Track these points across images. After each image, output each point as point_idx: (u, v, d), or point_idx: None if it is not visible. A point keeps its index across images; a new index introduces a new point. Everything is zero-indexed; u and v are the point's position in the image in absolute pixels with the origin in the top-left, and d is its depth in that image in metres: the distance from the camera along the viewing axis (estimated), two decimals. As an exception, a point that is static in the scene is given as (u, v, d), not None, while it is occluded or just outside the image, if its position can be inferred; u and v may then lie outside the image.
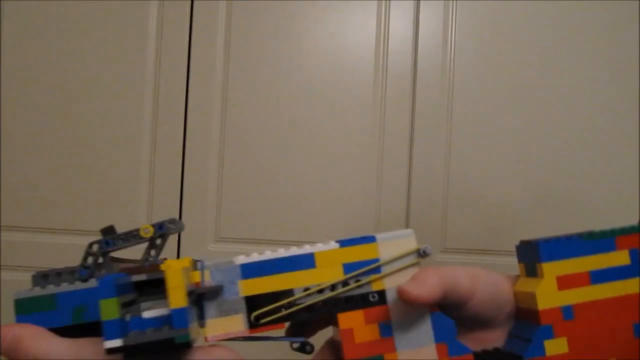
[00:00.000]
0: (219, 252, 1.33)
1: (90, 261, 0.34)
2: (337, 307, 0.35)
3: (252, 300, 0.34)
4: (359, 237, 0.36)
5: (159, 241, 0.35)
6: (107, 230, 0.34)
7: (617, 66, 1.36)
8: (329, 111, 1.35)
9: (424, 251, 0.35)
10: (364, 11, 1.35)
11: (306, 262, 0.34)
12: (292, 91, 1.35)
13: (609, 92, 1.36)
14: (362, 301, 0.35)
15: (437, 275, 0.34)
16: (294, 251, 0.35)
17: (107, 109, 1.34)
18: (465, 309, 0.36)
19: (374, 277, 0.35)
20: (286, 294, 0.34)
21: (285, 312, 0.34)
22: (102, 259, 0.34)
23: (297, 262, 0.34)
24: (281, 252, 0.35)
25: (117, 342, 0.29)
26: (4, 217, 1.32)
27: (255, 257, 0.34)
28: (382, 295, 0.35)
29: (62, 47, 1.33)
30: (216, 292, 0.33)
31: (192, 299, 0.32)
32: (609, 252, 0.36)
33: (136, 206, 1.34)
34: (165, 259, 0.34)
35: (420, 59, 1.36)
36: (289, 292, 0.34)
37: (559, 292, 0.36)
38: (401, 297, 0.33)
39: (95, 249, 0.34)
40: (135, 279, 0.32)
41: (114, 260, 0.35)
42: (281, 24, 1.35)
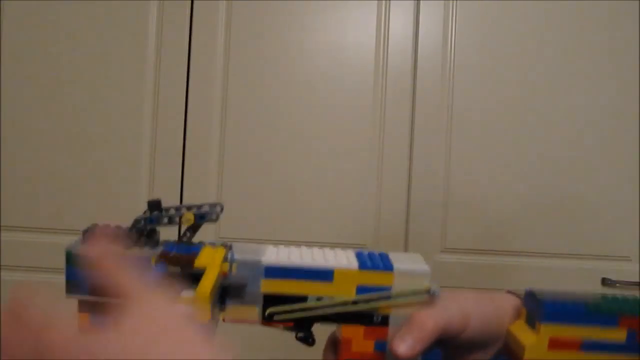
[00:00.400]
0: (219, 252, 1.33)
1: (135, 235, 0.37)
2: (342, 318, 0.38)
3: (270, 297, 0.37)
4: (379, 260, 0.38)
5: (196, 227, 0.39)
6: (154, 204, 0.37)
7: (617, 66, 1.36)
8: (329, 111, 1.35)
9: (433, 292, 0.38)
10: (364, 11, 1.35)
11: (325, 275, 0.37)
12: (292, 91, 1.35)
13: (610, 91, 1.36)
14: (366, 319, 0.38)
15: (431, 321, 0.37)
16: (316, 263, 0.37)
17: (107, 109, 1.34)
18: (458, 338, 0.39)
19: (381, 304, 0.38)
20: (301, 299, 0.37)
21: (297, 314, 0.37)
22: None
23: (317, 274, 0.37)
24: (306, 257, 0.38)
25: None
26: (4, 217, 1.32)
27: (280, 261, 0.37)
28: (385, 318, 0.38)
29: (62, 47, 1.33)
30: (239, 288, 0.37)
31: (218, 288, 0.35)
32: (609, 327, 0.38)
33: (136, 206, 1.33)
34: (202, 242, 0.39)
35: (420, 59, 1.36)
36: (303, 298, 0.37)
37: (548, 351, 0.38)
38: (392, 352, 0.36)
39: (141, 224, 0.37)
40: (171, 270, 0.36)
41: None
42: (281, 24, 1.35)
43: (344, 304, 0.37)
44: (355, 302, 0.37)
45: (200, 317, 0.31)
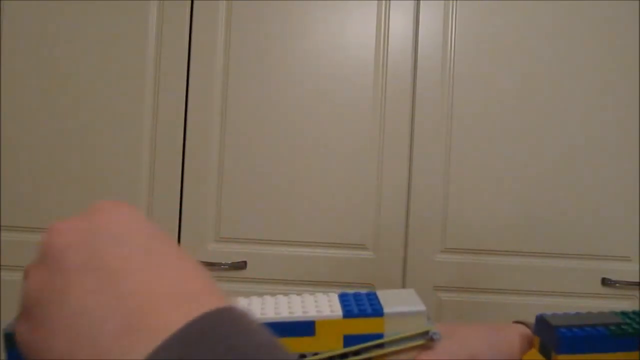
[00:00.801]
0: (219, 252, 1.33)
1: None
2: None
3: None
4: (366, 304, 0.33)
5: None
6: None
7: (617, 66, 1.36)
8: (329, 111, 1.35)
9: (432, 335, 0.33)
10: (364, 11, 1.35)
11: (305, 329, 0.32)
12: (292, 91, 1.35)
13: (610, 91, 1.36)
14: None
15: None
16: (294, 315, 0.32)
17: (107, 109, 1.34)
18: None
19: (375, 353, 0.33)
20: None
21: None
22: None
23: (296, 328, 0.32)
24: (281, 309, 0.32)
25: None
26: (4, 217, 1.32)
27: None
28: None
29: (62, 47, 1.33)
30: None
31: None
32: (629, 351, 0.34)
33: (136, 206, 1.33)
34: None
35: (420, 59, 1.36)
36: None
37: None
38: None
39: None
40: None
41: None
42: (281, 24, 1.35)
43: (331, 358, 0.32)
44: (343, 356, 0.33)
45: None
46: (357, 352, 0.33)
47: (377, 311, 0.33)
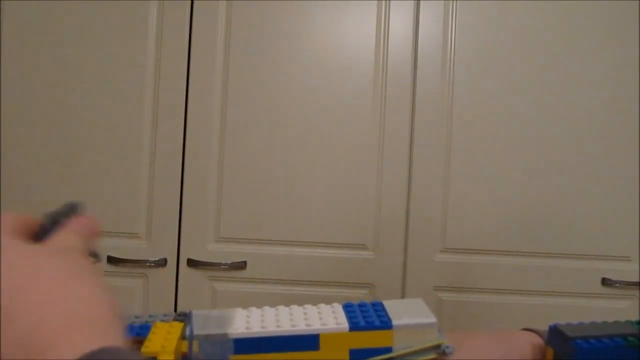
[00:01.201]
0: (219, 252, 1.33)
1: None
2: None
3: None
4: (373, 315, 0.31)
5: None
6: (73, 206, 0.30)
7: (617, 66, 1.36)
8: (329, 111, 1.35)
9: (444, 350, 0.31)
10: (364, 11, 1.35)
11: (309, 343, 0.30)
12: (292, 91, 1.35)
13: (610, 91, 1.36)
14: None
15: None
16: (297, 328, 0.31)
17: (107, 109, 1.34)
18: None
19: None
20: None
21: None
22: None
23: (299, 342, 0.30)
24: (283, 321, 0.31)
25: None
26: (4, 217, 1.32)
27: (252, 331, 0.30)
28: None
29: (62, 47, 1.33)
30: None
31: None
32: None
33: (136, 206, 1.34)
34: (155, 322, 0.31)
35: (420, 59, 1.36)
36: None
37: None
38: None
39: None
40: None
41: None
42: (281, 24, 1.35)
43: None
44: None
45: None
46: None
47: (385, 323, 0.31)
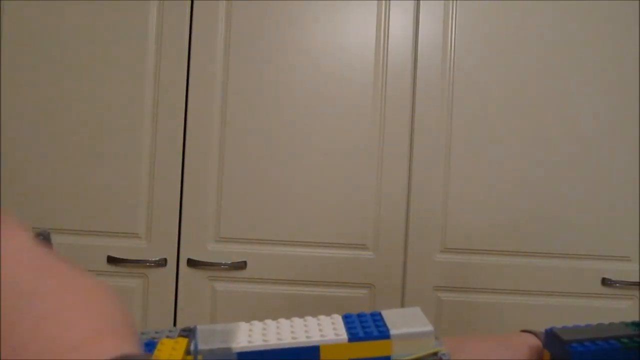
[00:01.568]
0: (219, 252, 1.33)
1: None
2: None
3: None
4: (371, 325, 0.33)
5: None
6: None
7: (617, 66, 1.36)
8: (329, 111, 1.35)
9: (441, 357, 0.32)
10: (364, 11, 1.35)
11: (310, 354, 0.31)
12: (292, 91, 1.35)
13: (610, 91, 1.36)
14: None
15: None
16: (298, 340, 0.32)
17: (107, 109, 1.34)
18: None
19: None
20: None
21: None
22: None
23: (300, 354, 0.31)
24: (284, 333, 0.32)
25: None
26: (4, 217, 1.32)
27: (254, 344, 0.31)
28: None
29: (62, 47, 1.33)
30: None
31: None
32: None
33: (136, 206, 1.34)
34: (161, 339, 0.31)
35: (420, 59, 1.36)
36: None
37: None
38: None
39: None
40: None
41: None
42: (281, 24, 1.35)
43: None
44: None
45: None
46: None
47: (383, 333, 0.32)
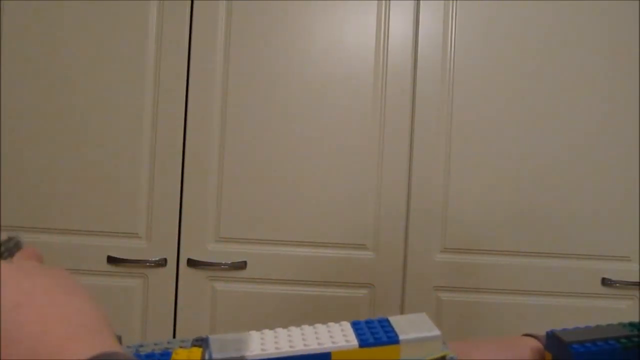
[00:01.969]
0: (219, 252, 1.33)
1: None
2: None
3: None
4: (380, 331, 0.33)
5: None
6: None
7: (617, 66, 1.36)
8: (329, 111, 1.35)
9: None
10: (364, 11, 1.35)
11: None
12: (292, 91, 1.35)
13: (610, 91, 1.36)
14: None
15: None
16: (310, 347, 0.32)
17: (107, 109, 1.34)
18: None
19: None
20: None
21: None
22: None
23: None
24: (296, 341, 0.32)
25: None
26: (4, 217, 1.32)
27: (267, 352, 0.32)
28: None
29: (62, 47, 1.33)
30: None
31: None
32: None
33: (136, 206, 1.34)
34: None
35: (420, 59, 1.36)
36: None
37: None
38: None
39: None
40: None
41: None
42: (281, 24, 1.35)
43: None
44: None
45: None
46: None
47: (392, 338, 0.33)
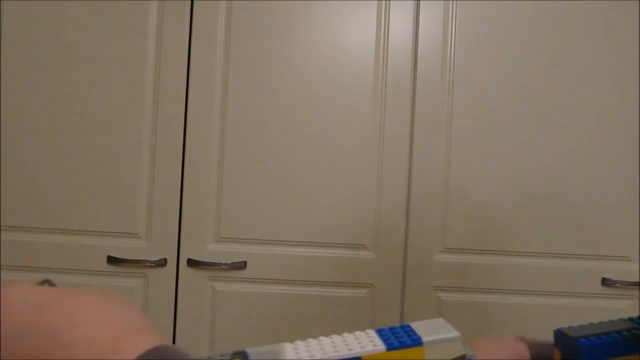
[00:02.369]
0: (219, 252, 1.33)
1: None
2: None
3: None
4: (404, 336, 0.36)
5: None
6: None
7: (617, 66, 1.36)
8: (329, 111, 1.35)
9: (469, 359, 0.36)
10: (364, 11, 1.35)
11: None
12: (292, 91, 1.35)
13: (610, 91, 1.36)
14: None
15: None
16: (341, 354, 0.35)
17: (107, 108, 1.34)
18: None
19: None
20: None
21: None
22: None
23: None
24: (328, 349, 0.35)
25: None
26: (4, 217, 1.32)
27: (303, 358, 0.34)
28: None
29: (62, 47, 1.33)
30: None
31: None
32: None
33: (136, 206, 1.34)
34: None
35: (420, 59, 1.36)
36: None
37: None
38: None
39: None
40: None
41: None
42: (281, 24, 1.35)
43: None
44: None
45: None
46: None
47: (416, 341, 0.35)
